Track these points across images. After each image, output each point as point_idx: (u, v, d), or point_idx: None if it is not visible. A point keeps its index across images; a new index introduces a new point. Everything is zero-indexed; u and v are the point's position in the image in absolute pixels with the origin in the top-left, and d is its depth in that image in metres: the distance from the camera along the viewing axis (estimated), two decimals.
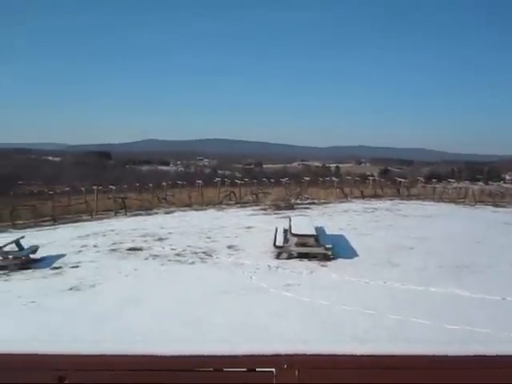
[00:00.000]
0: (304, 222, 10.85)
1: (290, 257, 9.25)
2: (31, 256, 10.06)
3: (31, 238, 12.47)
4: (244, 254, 9.76)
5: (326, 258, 9.08)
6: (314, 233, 9.50)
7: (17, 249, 10.07)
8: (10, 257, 9.61)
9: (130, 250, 10.76)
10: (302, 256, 9.21)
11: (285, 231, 10.65)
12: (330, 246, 9.26)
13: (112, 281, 8.14)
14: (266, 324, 5.62)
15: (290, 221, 10.59)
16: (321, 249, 9.23)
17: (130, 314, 6.25)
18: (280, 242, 9.78)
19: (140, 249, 10.81)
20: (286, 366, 1.31)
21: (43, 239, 12.77)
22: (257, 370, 1.35)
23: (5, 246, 9.68)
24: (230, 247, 10.50)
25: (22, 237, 10.83)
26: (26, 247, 10.33)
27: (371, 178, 28.90)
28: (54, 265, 9.54)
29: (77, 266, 9.33)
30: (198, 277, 8.12)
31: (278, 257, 9.29)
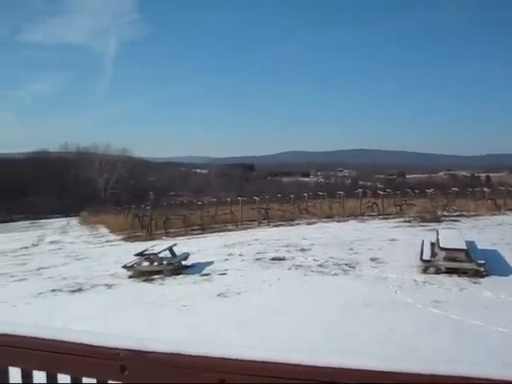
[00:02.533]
0: (453, 235, 10.28)
1: (438, 272, 8.81)
2: (183, 262, 10.75)
3: (182, 245, 13.34)
4: (388, 267, 9.51)
5: (477, 274, 8.50)
6: (465, 247, 8.94)
7: (170, 255, 10.85)
8: (165, 262, 10.37)
9: (274, 259, 11.03)
10: (450, 271, 8.72)
11: (432, 245, 10.18)
12: (482, 261, 8.66)
13: (257, 289, 8.40)
14: (412, 341, 5.41)
15: (438, 234, 10.10)
16: (472, 264, 8.67)
17: (274, 323, 6.39)
18: (427, 255, 9.36)
19: (283, 259, 11.03)
20: None
21: (193, 247, 13.59)
22: None
23: (160, 252, 10.47)
24: (373, 260, 10.29)
25: (175, 244, 11.65)
26: (178, 254, 11.08)
27: None
28: (203, 271, 10.09)
29: (224, 274, 9.78)
30: (341, 289, 8.07)
31: (424, 271, 8.91)
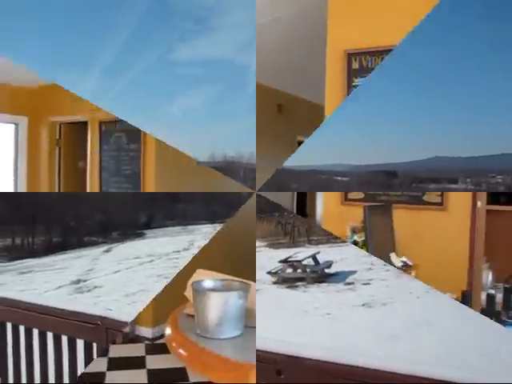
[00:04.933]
0: None
1: None
2: (326, 271, 10.74)
3: (324, 253, 13.32)
4: None
5: None
6: None
7: (313, 263, 10.90)
8: (308, 270, 10.43)
9: None
10: None
11: None
12: None
13: (403, 301, 8.09)
14: None
15: None
16: None
17: (421, 336, 6.09)
18: None
19: None
20: None
21: (335, 255, 13.50)
22: None
23: (303, 259, 10.57)
24: None
25: (318, 252, 11.68)
26: (320, 262, 11.10)
27: None
28: (347, 280, 9.97)
29: (368, 284, 9.56)
30: None
31: None
